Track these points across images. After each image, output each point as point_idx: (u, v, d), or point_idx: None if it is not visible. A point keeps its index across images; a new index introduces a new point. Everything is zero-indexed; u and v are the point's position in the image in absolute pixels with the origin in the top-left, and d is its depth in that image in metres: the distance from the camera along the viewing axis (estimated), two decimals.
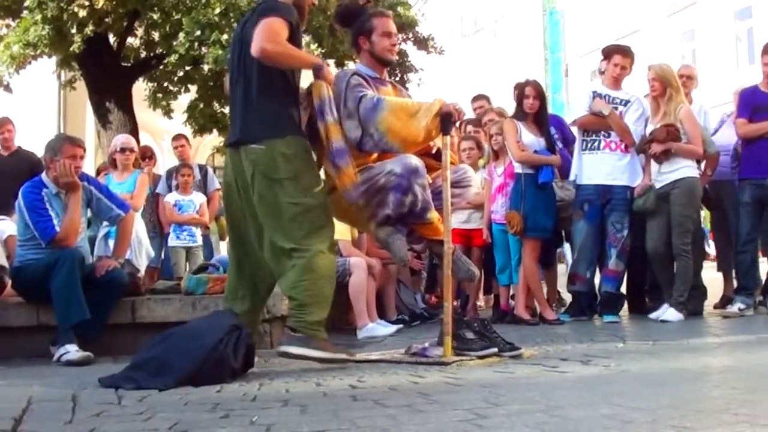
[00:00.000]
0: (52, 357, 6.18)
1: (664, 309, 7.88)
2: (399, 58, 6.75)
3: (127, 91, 16.56)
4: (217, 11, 13.88)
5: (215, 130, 18.72)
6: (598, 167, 8.23)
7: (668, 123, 7.99)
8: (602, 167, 8.22)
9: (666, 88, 8.12)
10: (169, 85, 17.68)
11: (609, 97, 8.36)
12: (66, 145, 6.73)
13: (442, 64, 25.73)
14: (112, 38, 16.44)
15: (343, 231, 8.08)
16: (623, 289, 8.62)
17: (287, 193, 5.34)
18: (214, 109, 17.79)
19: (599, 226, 8.25)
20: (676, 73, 8.36)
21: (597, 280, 8.53)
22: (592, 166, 8.27)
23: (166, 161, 20.17)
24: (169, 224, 10.65)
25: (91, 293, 6.30)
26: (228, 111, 17.37)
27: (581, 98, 8.58)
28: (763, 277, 8.87)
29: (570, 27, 37.01)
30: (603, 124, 8.24)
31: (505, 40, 40.60)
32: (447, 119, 5.42)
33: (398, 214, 5.44)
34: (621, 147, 8.23)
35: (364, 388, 4.31)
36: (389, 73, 6.29)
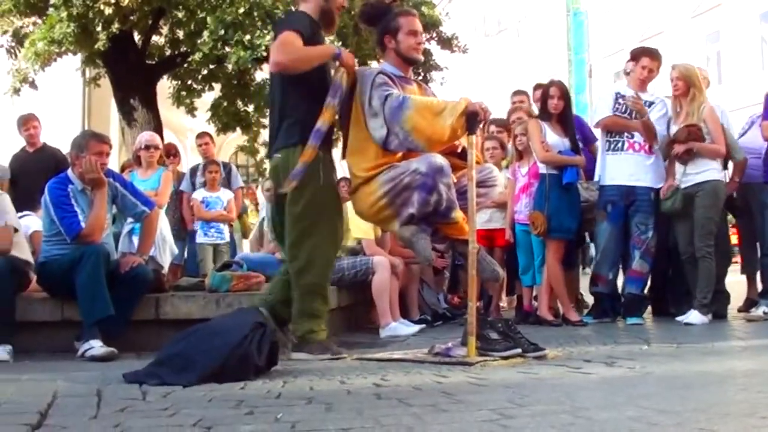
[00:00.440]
0: (76, 352, 6.20)
1: (689, 313, 7.84)
2: (423, 57, 6.74)
3: (151, 88, 16.63)
4: (242, 11, 13.91)
5: (238, 129, 18.76)
6: (622, 168, 8.19)
7: (690, 123, 7.94)
8: (626, 168, 8.17)
9: (689, 87, 8.09)
10: (193, 83, 17.74)
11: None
12: (92, 141, 6.74)
13: (465, 63, 25.68)
14: (137, 36, 16.50)
15: (366, 230, 8.11)
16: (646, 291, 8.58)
17: (289, 199, 5.70)
18: (238, 107, 17.84)
19: (623, 228, 8.22)
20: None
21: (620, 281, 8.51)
22: (615, 167, 8.23)
23: (190, 159, 20.28)
24: (193, 221, 10.69)
25: (115, 289, 6.33)
26: (252, 109, 17.59)
27: (605, 99, 8.55)
28: None
29: (594, 28, 36.92)
30: (626, 125, 8.21)
31: (528, 41, 40.56)
32: (472, 118, 5.42)
33: (423, 213, 5.45)
34: (645, 148, 8.19)
35: (388, 387, 4.30)
36: (413, 71, 6.31)
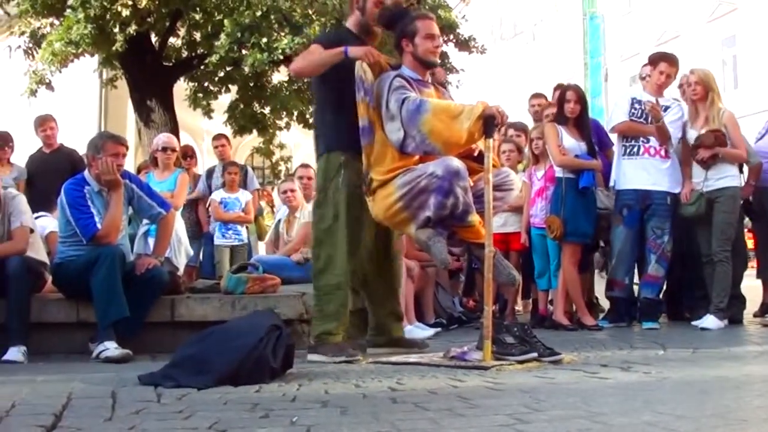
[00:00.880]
0: (91, 354, 6.21)
1: (705, 317, 7.81)
2: (440, 61, 6.77)
3: (168, 90, 16.67)
4: (259, 13, 13.93)
5: (255, 131, 18.80)
6: (638, 172, 8.16)
7: (714, 129, 7.92)
8: (642, 172, 8.15)
9: (708, 92, 8.08)
10: (209, 85, 17.77)
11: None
12: (109, 142, 6.74)
13: (482, 66, 25.68)
14: (154, 38, 16.55)
15: None
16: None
17: (313, 202, 6.16)
18: (254, 109, 17.88)
19: (638, 232, 8.20)
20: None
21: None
22: (631, 171, 8.20)
23: (206, 161, 20.29)
24: (209, 223, 10.71)
25: (130, 291, 6.33)
26: (268, 111, 17.64)
27: (621, 104, 8.52)
28: None
29: (610, 32, 36.79)
30: (642, 130, 8.19)
31: (544, 44, 40.47)
32: (490, 122, 5.42)
33: (439, 216, 5.45)
34: (660, 152, 8.15)
35: (404, 391, 4.29)
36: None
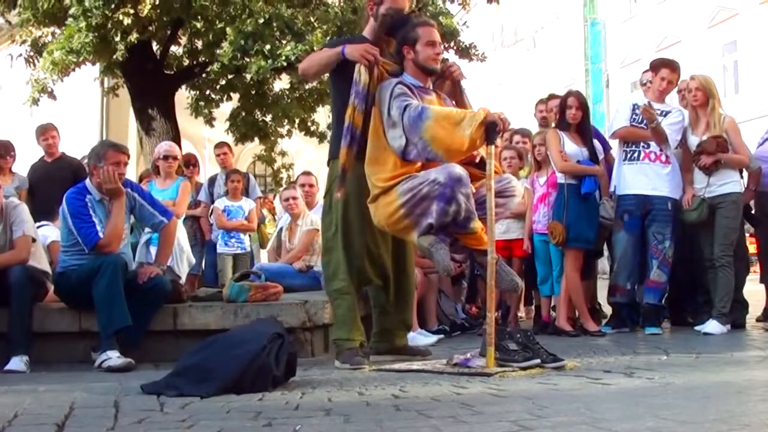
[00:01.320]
0: (93, 363, 6.20)
1: (708, 322, 7.80)
2: (440, 68, 6.78)
3: (169, 98, 16.64)
4: (261, 21, 13.94)
5: (256, 138, 18.79)
6: (639, 178, 8.16)
7: (716, 134, 7.93)
8: (642, 177, 8.15)
9: (708, 98, 8.09)
10: (211, 93, 17.78)
11: None
12: (110, 151, 6.74)
13: (483, 73, 25.66)
14: (155, 46, 16.53)
15: None
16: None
17: (323, 209, 6.19)
18: (256, 117, 17.88)
19: (640, 237, 8.20)
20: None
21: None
22: (631, 177, 8.20)
23: (207, 169, 20.29)
24: (211, 231, 10.70)
25: (133, 300, 6.31)
26: (269, 119, 17.62)
27: (621, 110, 8.52)
28: None
29: (611, 38, 36.81)
30: (642, 135, 8.19)
31: (545, 51, 40.50)
32: (491, 129, 5.42)
33: (441, 223, 5.45)
34: (661, 158, 8.15)
35: (407, 399, 4.29)
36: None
